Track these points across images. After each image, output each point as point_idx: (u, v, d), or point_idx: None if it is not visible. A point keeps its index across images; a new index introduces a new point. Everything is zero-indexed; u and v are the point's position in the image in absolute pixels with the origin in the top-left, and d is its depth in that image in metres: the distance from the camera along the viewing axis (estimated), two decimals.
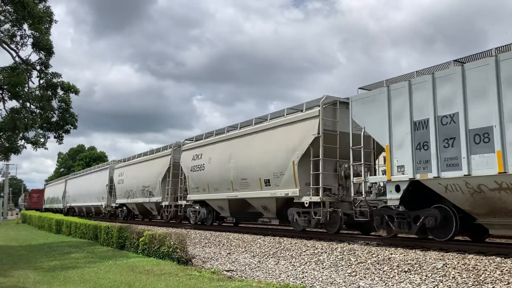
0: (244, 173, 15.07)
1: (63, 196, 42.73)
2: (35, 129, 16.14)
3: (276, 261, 10.01)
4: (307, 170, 12.48)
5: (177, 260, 10.21)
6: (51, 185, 54.18)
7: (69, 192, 40.62)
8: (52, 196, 50.24)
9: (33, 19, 14.19)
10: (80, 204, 36.59)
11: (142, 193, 23.94)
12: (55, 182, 53.15)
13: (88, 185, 34.44)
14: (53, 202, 49.27)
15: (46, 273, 9.22)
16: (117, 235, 13.61)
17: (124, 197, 26.64)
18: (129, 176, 26.10)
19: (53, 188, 51.09)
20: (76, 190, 38.01)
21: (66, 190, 41.82)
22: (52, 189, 52.09)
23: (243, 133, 15.73)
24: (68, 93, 16.10)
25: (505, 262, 7.31)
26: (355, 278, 7.84)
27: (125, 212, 27.73)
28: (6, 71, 14.89)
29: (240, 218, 17.75)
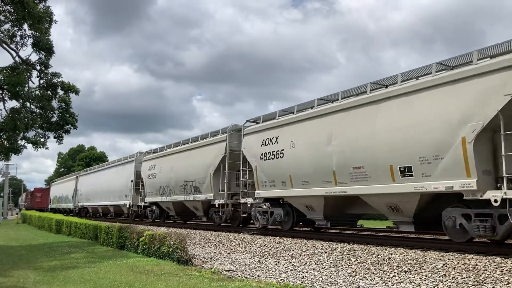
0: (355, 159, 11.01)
1: (74, 195, 38.32)
2: (35, 129, 16.15)
3: (276, 261, 10.01)
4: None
5: (177, 260, 10.22)
6: (58, 183, 49.10)
7: (82, 190, 36.17)
8: (60, 195, 45.73)
9: (33, 19, 14.18)
10: (96, 203, 32.37)
11: (183, 189, 19.68)
12: (63, 179, 48.04)
13: (106, 182, 30.00)
14: (61, 201, 44.92)
15: (46, 273, 9.22)
16: (117, 235, 13.61)
17: (157, 194, 22.45)
18: (164, 169, 21.79)
19: (61, 186, 46.22)
20: (91, 187, 33.52)
21: (78, 188, 37.36)
22: (59, 187, 47.23)
23: (346, 105, 11.50)
24: (68, 93, 16.10)
25: (505, 262, 7.31)
26: (355, 278, 7.84)
27: (157, 213, 23.43)
28: (6, 71, 14.89)
29: (336, 222, 13.10)
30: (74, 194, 38.21)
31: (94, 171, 34.87)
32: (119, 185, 27.56)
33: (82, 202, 35.82)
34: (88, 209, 35.10)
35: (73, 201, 38.35)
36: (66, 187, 42.76)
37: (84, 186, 35.96)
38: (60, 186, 46.83)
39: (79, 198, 36.81)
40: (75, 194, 38.00)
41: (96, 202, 32.37)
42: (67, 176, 48.48)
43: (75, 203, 37.56)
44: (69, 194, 40.31)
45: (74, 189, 38.42)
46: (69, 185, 40.91)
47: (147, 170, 23.72)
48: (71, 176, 42.39)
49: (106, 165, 33.62)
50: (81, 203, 36.06)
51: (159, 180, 22.00)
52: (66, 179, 44.98)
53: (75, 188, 38.20)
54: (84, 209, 35.82)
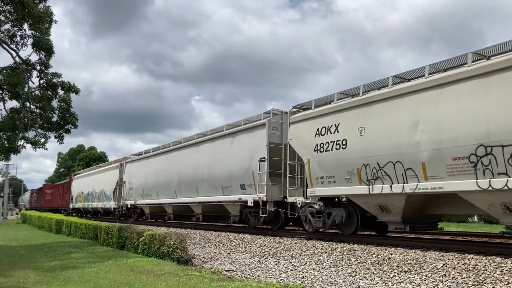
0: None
1: (117, 190, 27.59)
2: (35, 129, 16.15)
3: (276, 261, 10.01)
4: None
5: (177, 260, 10.22)
6: (86, 175, 36.87)
7: (133, 181, 25.44)
8: (89, 191, 33.88)
9: (33, 19, 14.20)
10: (168, 200, 21.10)
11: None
12: (95, 169, 35.56)
13: (203, 163, 18.04)
14: (91, 199, 33.46)
15: (46, 273, 9.22)
16: (117, 235, 13.61)
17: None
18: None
19: (91, 179, 34.05)
20: (155, 176, 22.56)
21: (126, 179, 26.54)
22: (87, 181, 35.01)
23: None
24: (68, 93, 16.11)
25: (505, 262, 7.31)
26: (355, 278, 7.84)
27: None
28: (6, 71, 14.89)
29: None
30: (117, 188, 27.60)
31: (161, 152, 22.58)
32: (237, 167, 15.63)
33: (134, 199, 25.10)
34: (143, 210, 24.92)
35: (117, 198, 27.54)
36: (100, 179, 31.61)
37: (138, 176, 24.80)
38: (89, 179, 34.86)
39: (127, 193, 26.08)
40: (119, 189, 27.31)
41: (166, 197, 21.36)
42: (106, 163, 36.31)
43: (121, 200, 26.94)
44: (107, 188, 29.54)
45: (116, 182, 27.92)
46: (107, 177, 30.09)
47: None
48: (113, 164, 30.81)
49: (189, 140, 19.96)
50: (132, 200, 25.34)
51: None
52: (100, 169, 33.49)
53: (118, 179, 27.61)
54: (137, 210, 25.51)
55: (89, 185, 34.36)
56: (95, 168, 36.28)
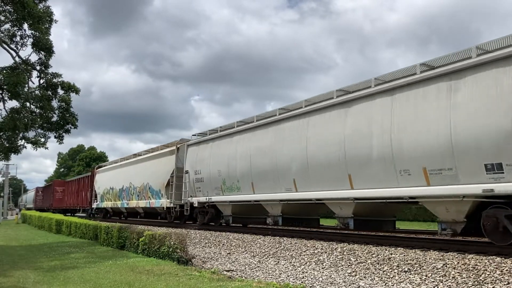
0: None
1: (172, 183, 20.24)
2: (35, 129, 16.16)
3: (276, 261, 10.01)
4: None
5: (177, 260, 10.22)
6: (117, 166, 28.62)
7: (203, 170, 17.68)
8: (124, 186, 26.38)
9: (33, 19, 14.20)
10: (276, 195, 13.80)
11: None
12: (132, 158, 26.87)
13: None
14: (126, 196, 26.24)
15: (46, 273, 9.22)
16: (117, 235, 13.61)
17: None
18: None
19: (126, 170, 26.50)
20: (245, 162, 15.17)
21: (189, 168, 18.75)
22: (120, 173, 27.29)
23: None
24: (68, 93, 16.11)
25: (505, 262, 7.31)
26: (355, 278, 7.84)
27: None
28: (6, 71, 14.89)
29: None
30: (171, 181, 20.45)
31: (260, 125, 14.90)
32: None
33: (204, 195, 17.60)
34: (220, 211, 17.40)
35: (169, 194, 20.58)
36: (141, 170, 24.14)
37: (213, 161, 17.12)
38: (123, 172, 27.09)
39: (192, 187, 18.39)
40: (174, 181, 20.07)
41: (270, 191, 14.08)
42: (141, 153, 26.09)
43: (180, 197, 19.48)
44: (155, 182, 22.22)
45: (170, 173, 20.62)
46: (153, 167, 22.77)
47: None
48: (160, 150, 22.78)
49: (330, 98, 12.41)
50: (201, 198, 17.82)
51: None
52: (142, 157, 24.97)
53: (174, 169, 20.24)
54: (207, 211, 18.13)
55: (123, 178, 26.45)
56: (131, 157, 27.13)
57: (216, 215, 17.69)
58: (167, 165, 21.20)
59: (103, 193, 30.40)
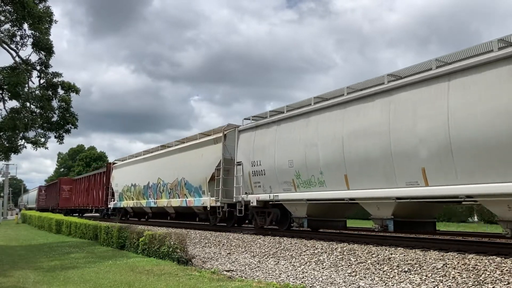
0: None
1: (218, 178, 16.59)
2: (35, 129, 16.15)
3: (276, 261, 10.01)
4: None
5: (177, 260, 10.22)
6: (141, 160, 24.73)
7: (265, 161, 14.17)
8: (151, 182, 22.64)
9: (33, 19, 14.20)
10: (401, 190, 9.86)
11: None
12: (160, 150, 22.89)
13: None
14: (153, 194, 22.29)
15: (46, 273, 9.22)
16: (117, 235, 13.61)
17: None
18: None
19: (153, 164, 22.85)
20: (337, 147, 11.49)
21: (243, 158, 15.35)
22: (145, 168, 23.69)
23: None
24: (68, 93, 16.11)
25: (505, 262, 7.31)
26: (355, 278, 7.84)
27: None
28: (6, 71, 14.89)
29: None
30: (216, 175, 16.69)
31: (377, 92, 10.66)
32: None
33: (265, 191, 14.18)
34: (288, 210, 13.93)
35: (214, 191, 16.80)
36: (173, 163, 20.52)
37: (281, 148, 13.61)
38: (148, 166, 23.45)
39: (248, 183, 14.96)
40: (221, 175, 16.40)
41: (383, 185, 10.31)
42: (171, 144, 22.08)
43: (232, 195, 15.86)
44: (193, 177, 18.57)
45: (215, 165, 16.83)
46: (190, 158, 19.13)
47: None
48: (198, 139, 19.03)
49: None
50: (261, 194, 14.37)
51: None
52: (173, 148, 21.24)
53: (221, 160, 16.56)
54: (269, 212, 14.72)
55: (149, 173, 22.88)
56: (159, 148, 23.17)
57: (282, 216, 14.16)
58: (210, 156, 17.39)
59: (122, 191, 26.43)
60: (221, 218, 17.01)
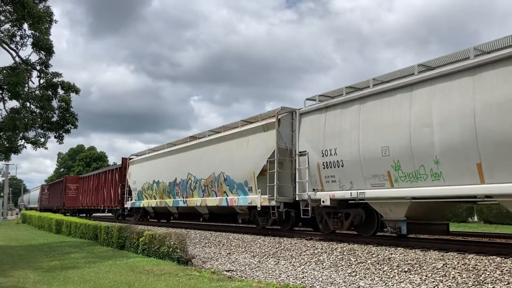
0: None
1: (272, 171, 13.62)
2: (35, 129, 16.16)
3: (276, 261, 10.01)
4: None
5: (177, 260, 10.22)
6: (165, 153, 21.68)
7: (345, 151, 11.20)
8: (178, 179, 19.65)
9: (33, 19, 14.21)
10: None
11: None
12: (189, 141, 19.91)
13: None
14: (181, 192, 19.37)
15: (46, 273, 9.22)
16: (117, 235, 13.61)
17: None
18: None
19: (181, 158, 19.93)
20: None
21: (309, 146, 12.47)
22: (170, 162, 20.78)
23: None
24: (68, 93, 16.12)
25: (505, 262, 7.31)
26: (355, 278, 7.84)
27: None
28: (6, 71, 14.90)
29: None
30: (269, 168, 13.90)
31: None
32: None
33: (344, 186, 11.36)
34: (375, 212, 11.05)
35: (266, 189, 13.89)
36: (205, 156, 17.86)
37: (375, 132, 10.53)
38: (174, 160, 20.55)
39: (316, 178, 12.17)
40: (276, 168, 13.55)
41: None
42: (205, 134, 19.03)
43: (292, 192, 13.44)
44: (234, 172, 15.83)
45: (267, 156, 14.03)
46: (229, 149, 16.34)
47: None
48: (241, 127, 16.30)
49: None
50: (339, 191, 11.43)
51: None
52: (206, 139, 18.31)
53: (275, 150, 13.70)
54: (359, 211, 11.40)
55: (175, 168, 19.99)
56: (188, 140, 20.03)
57: (368, 218, 11.29)
58: (259, 146, 14.56)
59: (142, 189, 23.38)
60: (278, 221, 14.24)
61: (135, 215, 25.07)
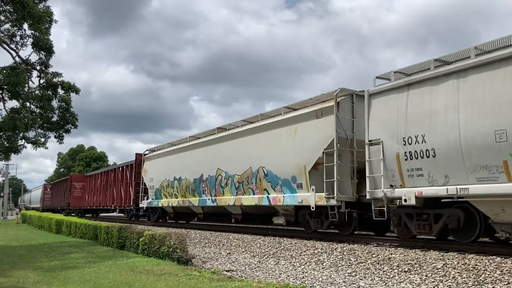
0: None
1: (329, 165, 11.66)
2: (35, 129, 16.16)
3: (276, 261, 10.01)
4: None
5: (177, 260, 10.22)
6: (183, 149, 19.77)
7: (428, 136, 9.28)
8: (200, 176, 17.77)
9: (33, 19, 14.21)
10: None
11: None
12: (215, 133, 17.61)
13: None
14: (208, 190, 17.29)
15: (46, 273, 9.22)
16: (117, 235, 13.61)
17: None
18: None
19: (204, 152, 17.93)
20: None
21: (386, 137, 10.27)
22: (192, 158, 18.76)
23: None
24: (68, 93, 16.12)
25: (505, 262, 7.32)
26: (355, 278, 7.84)
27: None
28: (6, 71, 14.90)
29: None
30: (324, 162, 11.88)
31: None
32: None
33: (445, 182, 9.02)
34: (482, 214, 8.85)
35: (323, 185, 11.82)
36: (242, 149, 15.49)
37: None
38: (196, 154, 18.60)
39: (394, 172, 10.10)
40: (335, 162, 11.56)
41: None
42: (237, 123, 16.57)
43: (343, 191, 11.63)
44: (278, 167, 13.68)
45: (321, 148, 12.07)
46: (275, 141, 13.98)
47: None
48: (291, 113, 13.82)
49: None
50: (433, 190, 9.23)
51: None
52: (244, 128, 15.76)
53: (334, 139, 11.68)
54: (457, 212, 9.18)
55: (201, 163, 17.80)
56: (215, 131, 17.76)
57: (467, 221, 9.15)
58: (313, 134, 12.57)
59: (160, 186, 21.11)
60: (332, 223, 12.15)
61: (152, 216, 23.00)
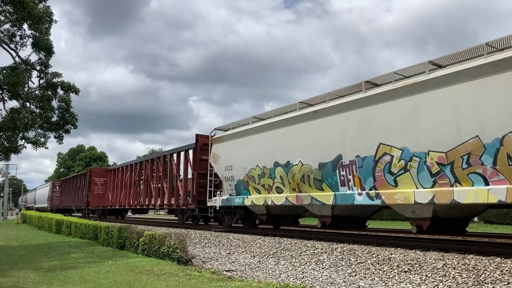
0: None
1: None
2: (35, 129, 16.17)
3: (276, 261, 10.01)
4: None
5: (177, 260, 10.21)
6: (285, 122, 13.32)
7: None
8: (334, 159, 11.18)
9: (33, 19, 14.21)
10: None
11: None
12: (370, 89, 10.69)
13: None
14: (343, 179, 10.93)
15: (46, 273, 9.22)
16: (117, 235, 13.60)
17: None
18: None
19: (336, 122, 11.23)
20: None
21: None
22: (309, 131, 12.15)
23: None
24: (68, 93, 16.12)
25: (505, 262, 7.32)
26: (355, 278, 7.84)
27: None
28: (6, 71, 14.90)
29: None
30: None
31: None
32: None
33: None
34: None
35: None
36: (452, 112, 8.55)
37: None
38: (318, 127, 11.91)
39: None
40: None
41: None
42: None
43: None
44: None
45: None
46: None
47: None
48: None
49: None
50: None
51: None
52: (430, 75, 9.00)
53: None
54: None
55: (334, 139, 11.45)
56: (362, 85, 11.12)
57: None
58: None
59: (247, 177, 15.06)
60: None
61: (228, 218, 17.03)
